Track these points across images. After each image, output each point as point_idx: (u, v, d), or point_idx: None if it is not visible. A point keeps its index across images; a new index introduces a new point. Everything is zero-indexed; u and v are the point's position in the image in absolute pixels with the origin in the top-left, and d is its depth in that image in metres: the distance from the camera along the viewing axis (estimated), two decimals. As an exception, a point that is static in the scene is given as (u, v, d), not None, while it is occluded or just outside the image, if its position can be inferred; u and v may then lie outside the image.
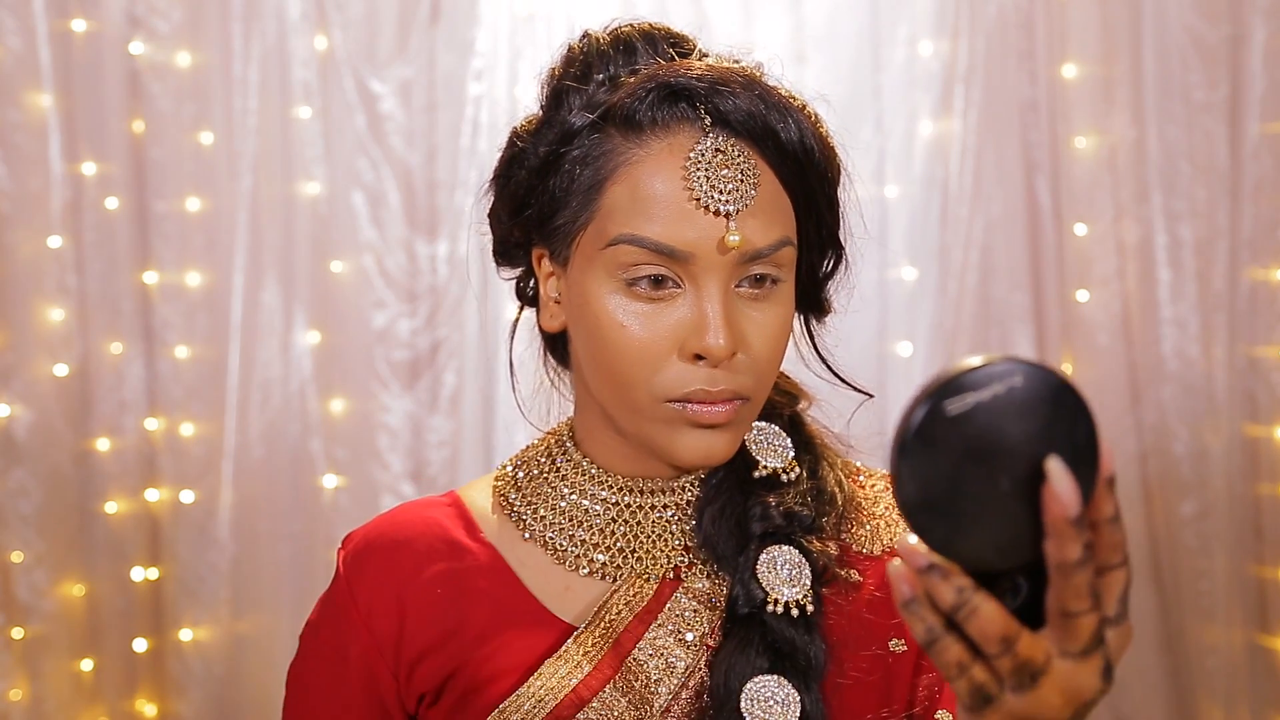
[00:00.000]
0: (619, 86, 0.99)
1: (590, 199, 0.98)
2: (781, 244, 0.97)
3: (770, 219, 0.96)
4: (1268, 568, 2.94)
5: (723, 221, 0.94)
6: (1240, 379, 2.98)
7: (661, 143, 0.96)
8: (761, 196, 0.95)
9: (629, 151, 0.97)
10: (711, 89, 0.95)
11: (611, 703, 1.00)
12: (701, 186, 0.94)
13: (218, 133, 3.00)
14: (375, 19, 3.03)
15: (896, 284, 3.06)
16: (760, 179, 0.96)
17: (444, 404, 3.03)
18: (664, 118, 0.97)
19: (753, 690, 0.95)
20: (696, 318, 0.95)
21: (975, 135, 3.02)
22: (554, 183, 1.00)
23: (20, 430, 2.84)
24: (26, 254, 2.87)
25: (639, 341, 0.96)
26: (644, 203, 0.95)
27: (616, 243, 0.96)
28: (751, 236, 0.95)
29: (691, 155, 0.95)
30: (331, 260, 3.03)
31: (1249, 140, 2.96)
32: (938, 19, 3.04)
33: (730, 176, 0.94)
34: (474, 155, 3.01)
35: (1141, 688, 2.99)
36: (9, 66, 2.85)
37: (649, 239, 0.94)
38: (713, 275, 0.95)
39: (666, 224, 0.94)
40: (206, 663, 2.98)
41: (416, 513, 1.12)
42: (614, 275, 0.96)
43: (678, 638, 1.02)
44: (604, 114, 0.98)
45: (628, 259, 0.95)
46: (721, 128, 0.96)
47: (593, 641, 1.02)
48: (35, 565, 2.85)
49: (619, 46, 1.02)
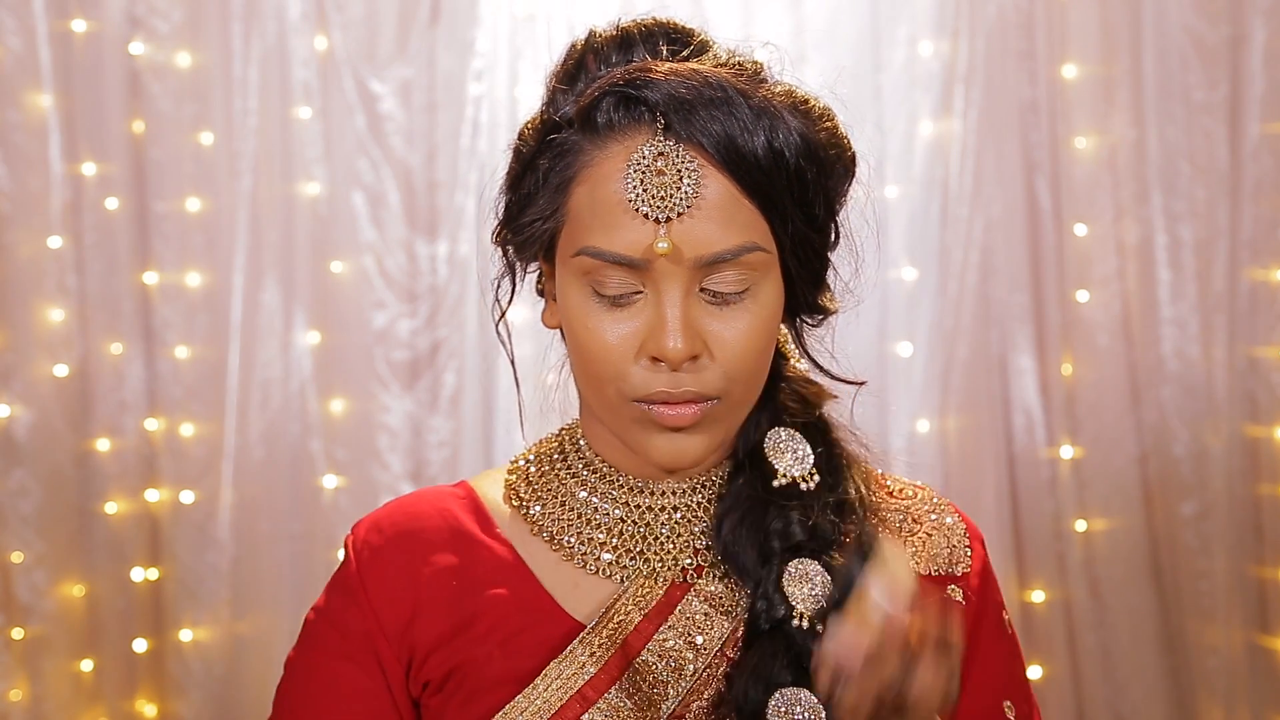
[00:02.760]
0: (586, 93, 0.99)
1: (557, 200, 0.99)
2: (745, 249, 0.95)
3: (727, 223, 0.95)
4: (1268, 568, 2.94)
5: (654, 227, 0.94)
6: (1240, 379, 2.98)
7: (619, 145, 0.97)
8: (711, 202, 0.94)
9: (591, 153, 0.97)
10: (669, 95, 0.95)
11: (617, 704, 1.00)
12: (635, 191, 0.94)
13: (218, 133, 3.00)
14: (375, 19, 3.03)
15: (896, 284, 3.06)
16: (706, 184, 0.94)
17: (444, 404, 3.03)
18: (621, 121, 0.97)
19: (779, 702, 0.96)
20: (655, 322, 0.95)
21: (975, 135, 3.02)
22: (531, 180, 1.01)
23: (20, 430, 2.84)
24: (26, 254, 2.87)
25: (604, 345, 0.97)
26: (599, 207, 0.96)
27: (580, 254, 0.97)
28: (694, 242, 0.94)
29: (633, 159, 0.95)
30: (331, 260, 3.03)
31: (1249, 140, 2.96)
32: (938, 19, 3.04)
33: (666, 182, 0.94)
34: (474, 155, 3.01)
35: (1141, 688, 2.99)
36: (9, 66, 2.85)
37: (608, 252, 0.95)
38: (671, 281, 0.95)
39: (621, 232, 0.95)
40: (206, 663, 2.98)
41: (429, 502, 1.11)
42: (582, 281, 0.98)
43: (688, 640, 1.02)
44: (573, 115, 0.99)
45: (594, 270, 0.96)
46: (672, 133, 0.95)
47: (599, 642, 1.02)
48: (35, 565, 2.85)
49: (617, 42, 1.02)
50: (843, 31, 3.04)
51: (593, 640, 1.02)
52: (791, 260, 1.00)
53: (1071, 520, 3.02)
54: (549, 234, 1.00)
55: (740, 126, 0.94)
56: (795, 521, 1.01)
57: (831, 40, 3.03)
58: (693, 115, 0.94)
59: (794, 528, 1.01)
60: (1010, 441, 3.04)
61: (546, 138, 1.00)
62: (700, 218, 0.94)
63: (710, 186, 0.95)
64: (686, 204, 0.94)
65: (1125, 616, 3.01)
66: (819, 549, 1.01)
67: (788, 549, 1.01)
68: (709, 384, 0.97)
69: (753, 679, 0.97)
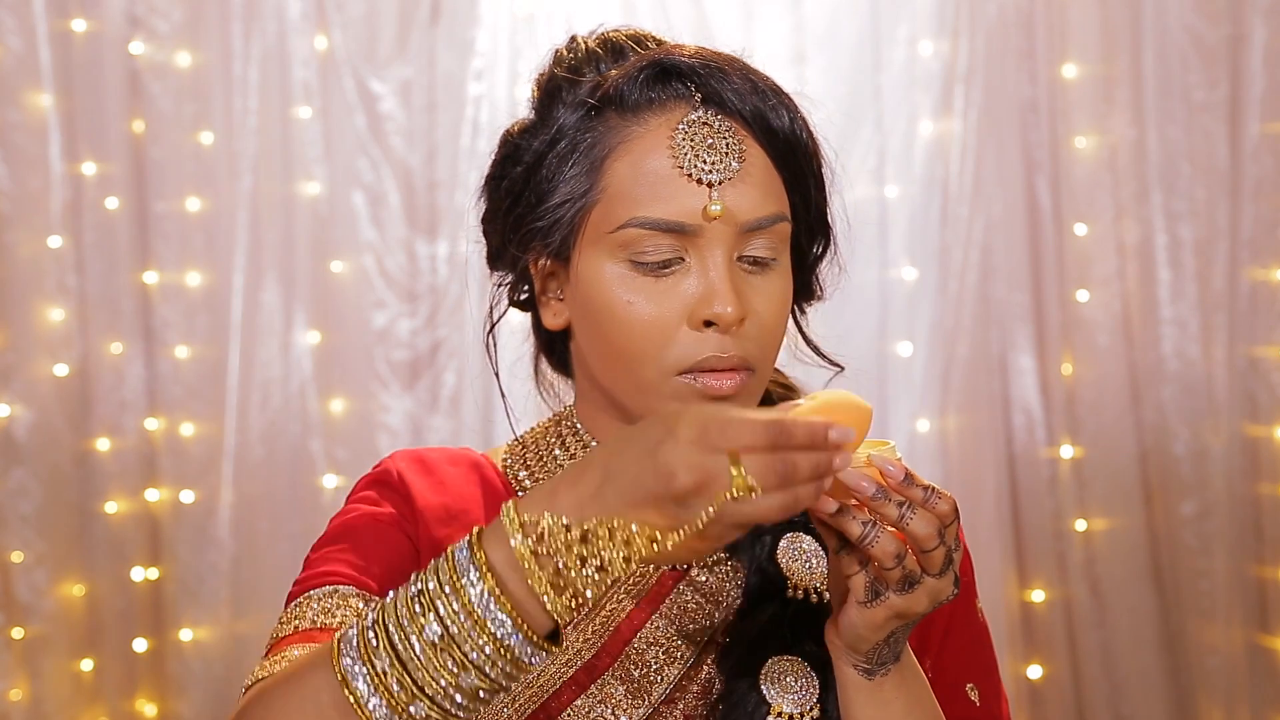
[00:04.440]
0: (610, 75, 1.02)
1: (591, 180, 1.00)
2: (777, 218, 1.00)
3: (764, 193, 0.99)
4: (1268, 568, 2.94)
5: (706, 191, 0.97)
6: (1240, 379, 2.98)
7: (658, 119, 1.00)
8: (751, 171, 0.99)
9: (627, 129, 1.00)
10: (704, 67, 0.99)
11: (610, 690, 1.01)
12: (686, 156, 0.97)
13: (218, 133, 3.00)
14: (375, 19, 3.04)
15: (896, 284, 3.06)
16: (748, 154, 0.99)
17: (444, 404, 3.04)
18: (659, 96, 1.00)
19: (772, 670, 0.99)
20: (704, 287, 0.97)
21: (975, 135, 3.02)
22: (550, 174, 1.02)
23: (20, 430, 2.84)
24: (26, 254, 2.87)
25: (647, 316, 0.98)
26: (645, 179, 0.98)
27: (626, 227, 0.98)
28: (742, 206, 0.98)
29: (679, 127, 0.98)
30: (331, 260, 3.03)
31: (1249, 140, 2.96)
32: (938, 19, 3.04)
33: (715, 148, 0.98)
34: (474, 155, 3.01)
35: (1141, 688, 2.99)
36: (9, 66, 2.85)
37: (659, 219, 0.97)
38: (717, 245, 0.98)
39: (669, 200, 0.97)
40: (206, 663, 2.98)
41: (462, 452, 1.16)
42: (619, 256, 0.99)
43: (679, 628, 1.03)
44: (601, 99, 1.01)
45: (638, 241, 0.98)
46: (712, 104, 0.99)
47: (593, 629, 1.02)
48: (35, 565, 2.85)
49: (607, 49, 1.05)
50: (843, 31, 3.04)
51: (586, 627, 1.02)
52: (805, 236, 1.06)
53: (1071, 520, 3.02)
54: (578, 214, 1.01)
55: (767, 102, 1.00)
56: None
57: (831, 40, 3.03)
58: (727, 88, 0.99)
59: None
60: (1010, 441, 3.05)
61: (559, 133, 1.02)
62: (748, 183, 0.98)
63: (751, 154, 0.99)
64: (736, 167, 0.98)
65: (1125, 616, 3.01)
66: (811, 522, 1.02)
67: (780, 524, 1.01)
68: (750, 350, 0.99)
69: (747, 649, 1.00)
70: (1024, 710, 2.99)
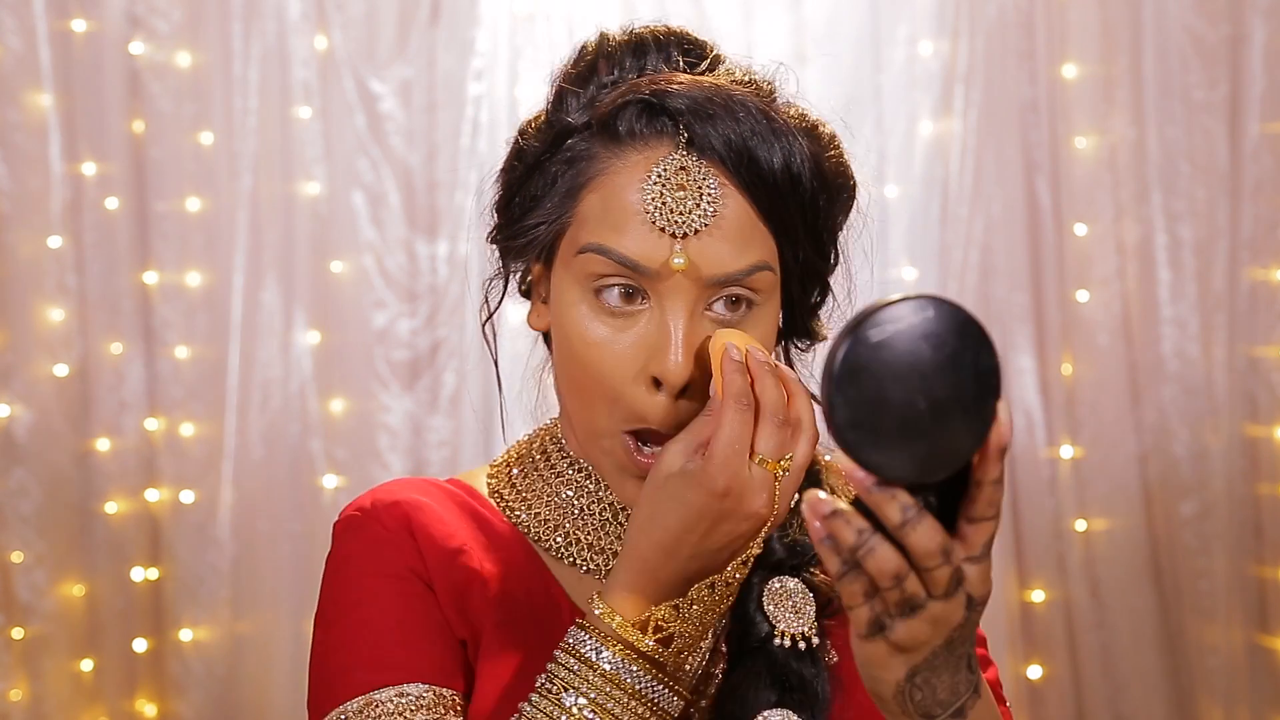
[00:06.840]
0: (609, 94, 0.98)
1: (567, 204, 0.98)
2: (754, 269, 0.94)
3: (739, 246, 0.94)
4: (1268, 568, 2.94)
5: (671, 242, 0.92)
6: (1240, 379, 2.98)
7: (639, 155, 0.95)
8: (729, 221, 0.93)
9: (608, 161, 0.96)
10: (692, 107, 0.94)
11: None
12: (654, 204, 0.93)
13: (218, 133, 3.00)
14: (375, 19, 3.04)
15: (896, 284, 3.06)
16: (725, 203, 0.93)
17: (444, 404, 3.04)
18: (642, 131, 0.96)
19: None
20: (659, 337, 0.93)
21: (975, 135, 3.02)
22: (542, 183, 1.00)
23: (20, 430, 2.84)
24: (26, 254, 2.87)
25: (604, 364, 0.94)
26: (614, 214, 0.94)
27: (585, 251, 0.95)
28: (709, 260, 0.93)
29: (654, 171, 0.93)
30: (331, 260, 3.03)
31: (1249, 140, 2.96)
32: (938, 19, 3.04)
33: (687, 198, 0.93)
34: (474, 155, 3.01)
35: (1141, 688, 2.99)
36: (9, 66, 2.85)
37: (615, 250, 0.93)
38: (679, 297, 0.93)
39: (635, 238, 0.93)
40: (206, 663, 2.98)
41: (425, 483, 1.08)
42: (584, 285, 0.95)
43: None
44: (589, 121, 0.98)
45: (596, 269, 0.94)
46: (695, 148, 0.94)
47: None
48: (35, 565, 2.85)
49: (631, 47, 1.01)
50: (843, 31, 3.04)
51: None
52: (795, 285, 1.00)
53: (1071, 520, 3.02)
54: (551, 237, 0.99)
55: (761, 145, 0.94)
56: (774, 538, 1.01)
57: (831, 40, 3.03)
58: (715, 130, 0.93)
59: (773, 544, 1.01)
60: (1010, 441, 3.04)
61: (557, 141, 0.99)
62: (717, 236, 0.93)
63: (729, 205, 0.94)
64: (705, 221, 0.93)
65: (1125, 616, 3.01)
66: (799, 565, 1.01)
67: (767, 567, 1.00)
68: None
69: (736, 700, 0.97)
70: (1024, 710, 2.99)
